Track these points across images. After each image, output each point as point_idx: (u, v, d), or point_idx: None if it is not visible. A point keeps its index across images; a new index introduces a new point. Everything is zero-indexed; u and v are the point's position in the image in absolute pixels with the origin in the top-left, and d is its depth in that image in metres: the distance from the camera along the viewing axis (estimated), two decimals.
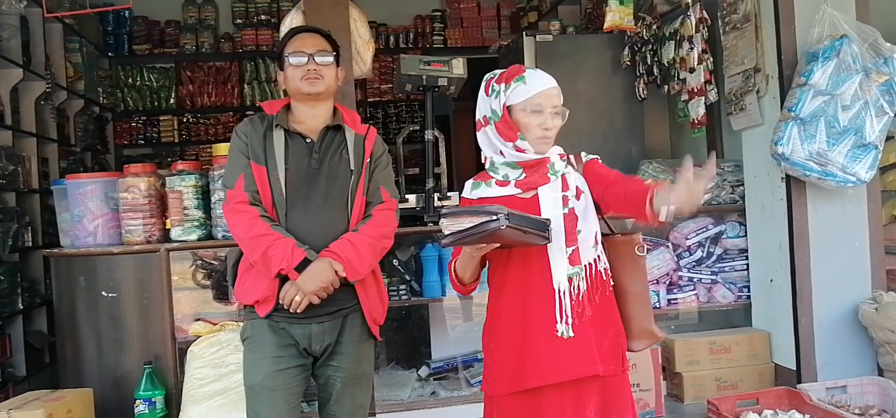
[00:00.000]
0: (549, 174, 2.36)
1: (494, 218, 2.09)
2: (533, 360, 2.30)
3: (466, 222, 2.14)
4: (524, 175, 2.36)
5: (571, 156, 2.47)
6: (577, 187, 2.37)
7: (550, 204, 2.33)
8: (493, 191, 2.38)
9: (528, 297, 2.32)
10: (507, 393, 2.37)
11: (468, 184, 2.47)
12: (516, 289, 2.35)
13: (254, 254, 2.63)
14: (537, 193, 2.35)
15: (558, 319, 2.29)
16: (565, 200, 2.34)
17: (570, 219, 2.32)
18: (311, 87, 2.73)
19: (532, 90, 2.35)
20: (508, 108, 2.37)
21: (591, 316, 2.32)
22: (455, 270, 2.40)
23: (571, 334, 2.28)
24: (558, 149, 2.44)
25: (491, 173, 2.42)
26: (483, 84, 2.46)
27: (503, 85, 2.38)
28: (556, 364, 2.28)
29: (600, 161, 2.50)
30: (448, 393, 4.27)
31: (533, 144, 2.35)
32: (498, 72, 2.44)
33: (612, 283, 2.41)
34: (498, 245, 2.24)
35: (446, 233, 2.16)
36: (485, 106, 2.43)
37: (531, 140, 2.35)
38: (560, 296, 2.30)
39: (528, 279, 2.32)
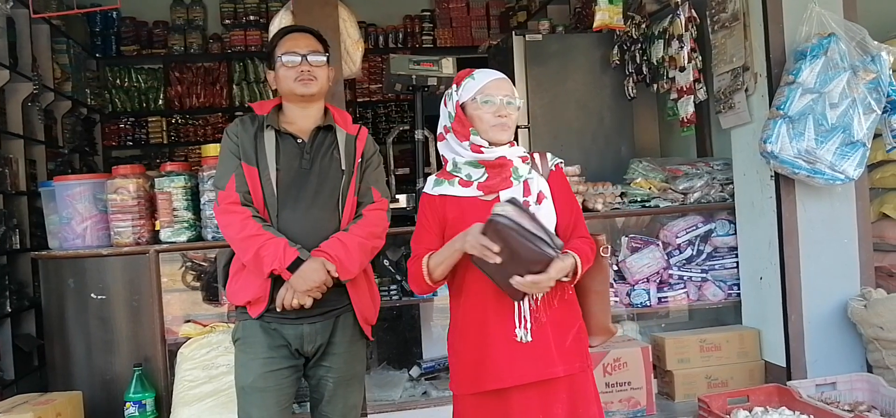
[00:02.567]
0: (511, 178, 2.38)
1: (551, 247, 2.15)
2: (492, 363, 2.33)
3: (527, 224, 2.17)
4: (487, 176, 2.39)
5: (536, 155, 2.49)
6: (539, 192, 2.39)
7: None
8: (455, 189, 2.41)
9: (487, 302, 2.35)
10: (470, 393, 2.40)
11: (430, 179, 2.50)
12: (476, 293, 2.36)
13: (246, 255, 2.62)
14: (498, 197, 2.36)
15: (517, 324, 2.32)
16: (526, 205, 2.35)
17: None
18: (306, 88, 2.73)
19: (481, 82, 2.41)
20: (462, 106, 2.42)
21: (549, 319, 2.34)
22: (427, 266, 2.38)
23: (530, 339, 2.32)
24: (520, 152, 2.45)
25: (453, 173, 2.44)
26: (442, 100, 2.52)
27: (454, 87, 2.46)
28: (513, 368, 2.32)
29: (564, 173, 2.54)
30: (439, 393, 4.26)
31: (488, 134, 2.38)
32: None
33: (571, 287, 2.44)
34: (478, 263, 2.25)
35: (503, 213, 2.17)
36: (444, 116, 2.49)
37: (486, 130, 2.38)
38: (519, 303, 2.32)
39: (486, 284, 2.33)
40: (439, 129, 2.51)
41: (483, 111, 2.38)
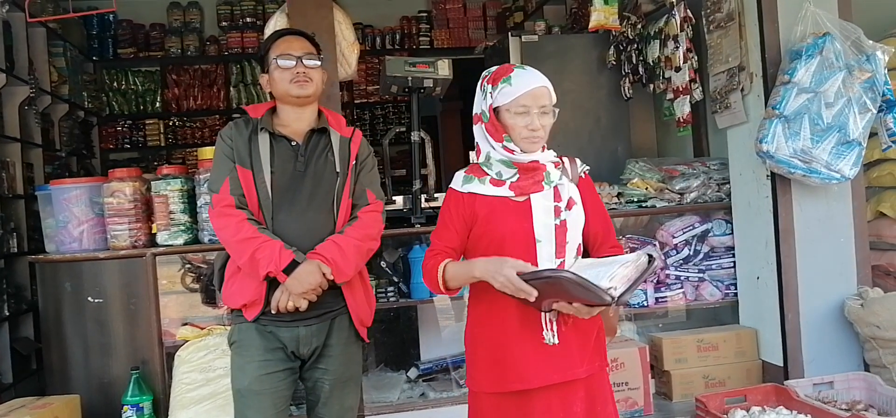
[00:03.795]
0: (543, 183, 2.37)
1: (608, 295, 2.12)
2: (516, 364, 2.32)
3: (632, 273, 2.18)
4: (518, 176, 2.37)
5: (566, 160, 2.48)
6: (569, 198, 2.38)
7: (542, 212, 2.34)
8: (486, 188, 2.38)
9: (512, 302, 2.31)
10: (491, 392, 2.39)
11: (459, 176, 2.46)
12: (500, 293, 2.32)
13: (241, 258, 2.63)
14: (529, 199, 2.35)
15: (544, 327, 2.31)
16: (557, 211, 2.35)
17: (561, 230, 2.34)
18: (301, 90, 2.74)
19: (518, 91, 2.35)
20: (495, 110, 2.38)
21: (574, 321, 2.33)
22: (443, 276, 2.36)
23: (556, 341, 2.31)
24: (552, 156, 2.44)
25: (485, 169, 2.41)
26: (480, 81, 2.47)
27: (490, 86, 2.40)
28: (538, 369, 2.31)
29: (592, 181, 2.52)
30: (437, 394, 4.26)
31: (519, 144, 2.36)
32: (493, 69, 2.45)
33: None
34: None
35: (623, 291, 2.15)
36: (478, 104, 2.45)
37: (517, 140, 2.35)
38: (546, 315, 2.31)
39: None
40: (475, 110, 2.46)
41: (517, 121, 2.34)
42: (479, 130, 2.44)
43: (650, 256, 2.24)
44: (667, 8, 4.72)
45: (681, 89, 4.68)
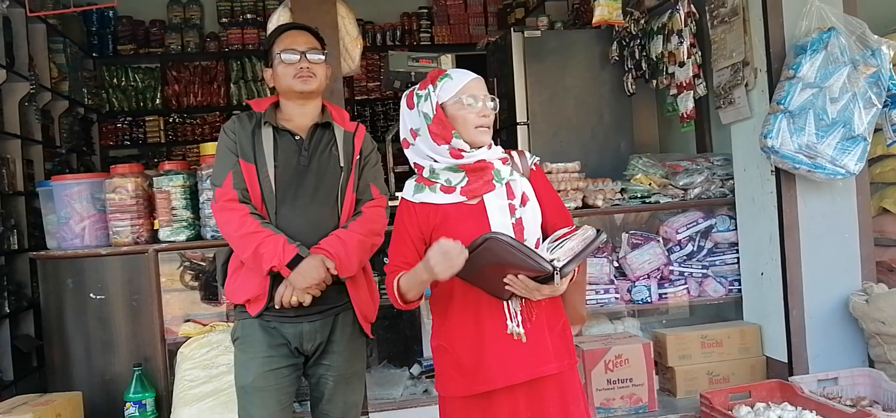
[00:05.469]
0: (494, 181, 2.31)
1: (548, 264, 2.14)
2: (485, 365, 2.27)
3: (577, 246, 2.19)
4: (467, 180, 2.30)
5: (515, 154, 2.43)
6: (523, 194, 2.33)
7: (497, 211, 2.29)
8: (437, 197, 2.31)
9: (479, 303, 2.29)
10: (460, 395, 2.34)
11: (410, 184, 2.38)
12: (465, 293, 2.30)
13: (245, 252, 2.61)
14: (483, 200, 2.30)
15: (508, 317, 2.27)
16: (512, 209, 2.29)
17: (519, 229, 2.28)
18: (305, 85, 2.72)
19: (461, 81, 2.31)
20: (441, 106, 2.31)
21: (539, 315, 2.29)
22: (398, 289, 2.31)
23: (521, 331, 2.26)
24: (499, 153, 2.37)
25: (432, 180, 2.33)
26: (403, 101, 2.40)
27: (430, 87, 2.33)
28: (506, 368, 2.27)
29: (544, 172, 2.48)
30: None
31: (471, 137, 2.29)
32: (417, 84, 2.40)
33: None
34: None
35: (566, 261, 2.15)
36: (411, 119, 2.36)
37: (469, 132, 2.29)
38: (509, 304, 2.28)
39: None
40: (403, 135, 2.39)
41: (467, 112, 2.28)
42: (413, 151, 2.37)
43: (598, 229, 2.23)
44: (670, 3, 4.71)
45: (684, 85, 4.66)
